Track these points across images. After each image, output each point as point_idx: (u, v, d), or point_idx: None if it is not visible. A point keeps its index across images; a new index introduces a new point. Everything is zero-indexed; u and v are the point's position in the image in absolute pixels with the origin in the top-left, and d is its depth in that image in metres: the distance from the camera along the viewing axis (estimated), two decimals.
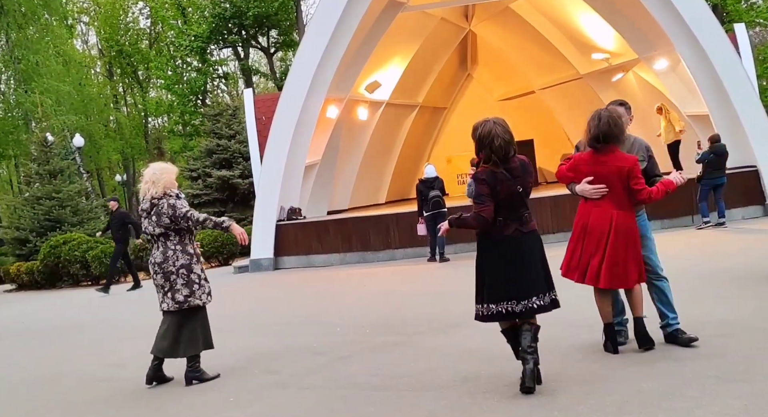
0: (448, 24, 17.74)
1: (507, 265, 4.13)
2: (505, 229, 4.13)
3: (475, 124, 4.18)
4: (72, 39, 40.16)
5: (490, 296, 4.17)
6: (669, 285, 4.88)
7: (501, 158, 4.07)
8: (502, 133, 4.06)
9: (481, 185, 4.08)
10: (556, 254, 10.97)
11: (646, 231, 4.86)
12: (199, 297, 5.15)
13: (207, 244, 17.91)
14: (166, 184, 5.19)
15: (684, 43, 13.15)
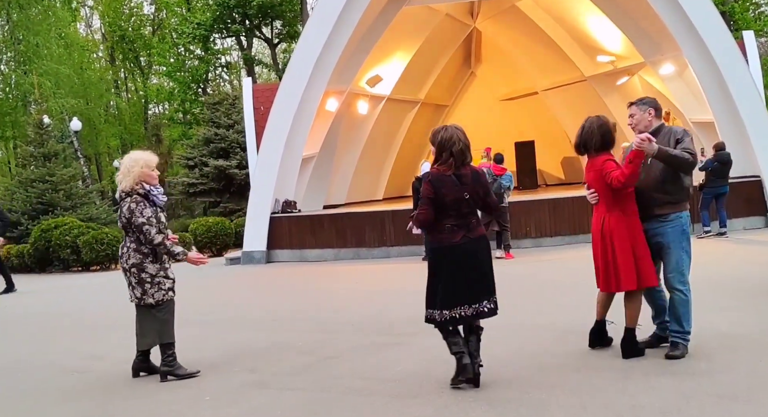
0: (452, 20, 17.49)
1: (459, 271, 4.20)
2: (455, 237, 4.21)
3: (435, 129, 4.33)
4: (75, 22, 39.83)
5: (444, 302, 4.22)
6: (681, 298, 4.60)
7: (458, 163, 4.19)
8: (463, 139, 4.22)
9: (427, 188, 4.19)
10: (555, 257, 10.95)
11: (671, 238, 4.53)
12: (152, 295, 4.92)
13: (200, 234, 17.73)
14: (137, 178, 4.90)
15: (692, 48, 12.95)
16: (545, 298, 7.44)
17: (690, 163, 4.45)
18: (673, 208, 4.54)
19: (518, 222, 12.63)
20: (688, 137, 4.57)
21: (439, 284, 4.24)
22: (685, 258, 4.55)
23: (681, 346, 4.58)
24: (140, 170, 4.91)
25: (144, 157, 5.01)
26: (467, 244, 4.22)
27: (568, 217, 12.69)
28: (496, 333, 5.80)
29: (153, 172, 5.01)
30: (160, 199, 5.03)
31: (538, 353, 5.05)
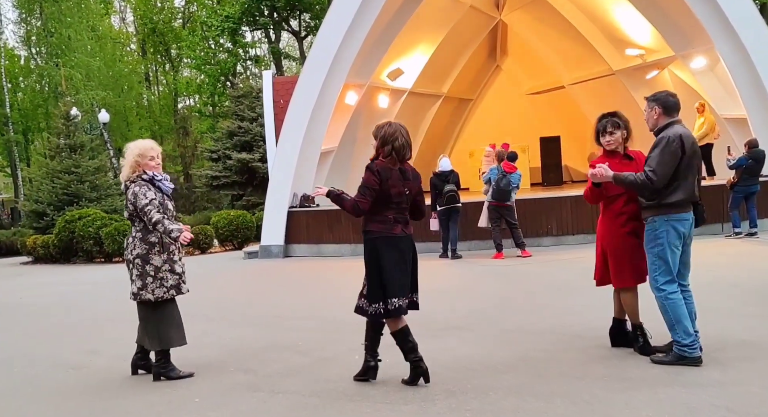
0: (477, 12, 17.14)
1: (400, 262, 4.31)
2: (395, 228, 4.32)
3: (379, 124, 4.41)
4: (108, 15, 40.38)
5: (392, 292, 4.29)
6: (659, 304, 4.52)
7: (400, 157, 4.30)
8: (405, 135, 4.35)
9: (372, 177, 4.22)
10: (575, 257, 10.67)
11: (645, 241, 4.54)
12: (152, 291, 4.70)
13: (222, 227, 17.77)
14: (134, 166, 4.80)
15: (724, 41, 12.45)
16: (556, 300, 7.19)
17: (641, 186, 4.33)
18: (647, 212, 4.47)
19: (539, 219, 12.33)
20: (658, 148, 4.35)
21: (383, 274, 4.27)
22: (658, 263, 4.43)
23: (672, 353, 4.45)
24: (133, 159, 4.82)
25: (139, 145, 4.89)
26: (405, 238, 4.36)
27: (592, 215, 12.29)
28: (501, 337, 5.62)
29: (150, 161, 4.83)
30: (166, 185, 4.89)
31: (543, 359, 4.84)
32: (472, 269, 10.22)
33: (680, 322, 4.37)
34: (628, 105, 16.43)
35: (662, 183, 4.32)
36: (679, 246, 4.44)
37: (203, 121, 38.83)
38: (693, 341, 4.37)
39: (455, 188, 11.32)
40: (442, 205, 11.28)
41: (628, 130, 4.77)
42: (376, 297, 4.31)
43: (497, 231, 10.95)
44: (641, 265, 4.62)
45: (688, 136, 4.43)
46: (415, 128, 18.41)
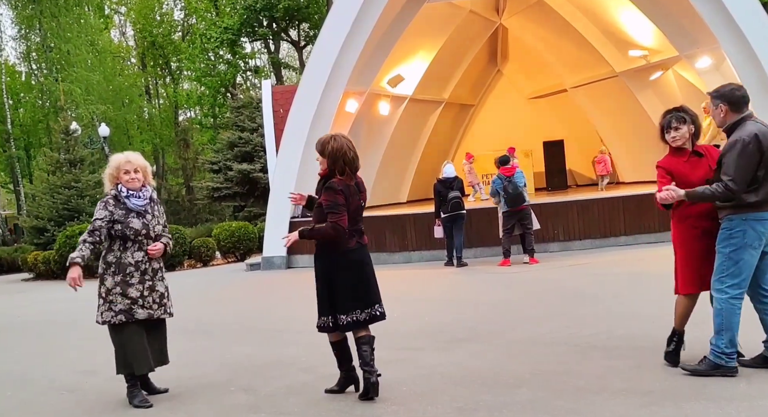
0: (477, 17, 17.00)
1: (354, 276, 4.29)
2: (350, 242, 4.29)
3: (324, 139, 4.33)
4: (107, 29, 40.45)
5: (344, 306, 4.27)
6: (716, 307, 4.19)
7: (353, 170, 4.32)
8: (352, 147, 4.33)
9: (339, 195, 4.20)
10: (583, 262, 10.44)
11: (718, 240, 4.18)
12: (101, 314, 4.46)
13: (224, 239, 17.60)
14: (109, 179, 4.62)
15: (729, 40, 12.27)
16: (568, 309, 6.96)
17: (721, 198, 4.03)
18: (723, 210, 4.13)
19: (545, 225, 12.12)
20: (734, 152, 3.99)
21: (337, 289, 4.28)
22: (727, 263, 4.09)
23: (706, 361, 4.17)
24: (108, 173, 4.64)
25: (115, 158, 4.66)
26: (360, 250, 4.36)
27: (598, 220, 12.13)
28: (511, 349, 5.40)
29: (125, 174, 4.54)
30: (132, 202, 4.54)
31: (556, 373, 4.61)
32: (478, 277, 10.02)
33: (730, 329, 4.11)
34: (632, 107, 16.28)
35: (744, 189, 4.00)
36: (758, 247, 4.08)
37: (204, 132, 38.77)
38: (734, 352, 4.13)
39: (460, 195, 11.14)
40: (446, 212, 11.08)
41: (696, 124, 4.37)
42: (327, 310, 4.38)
43: (507, 237, 10.74)
44: (709, 272, 4.25)
45: (765, 132, 4.03)
46: (417, 135, 18.25)
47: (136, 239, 4.52)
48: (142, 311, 4.49)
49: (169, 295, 4.72)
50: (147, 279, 4.54)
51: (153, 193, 4.74)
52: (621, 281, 8.46)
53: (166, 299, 4.66)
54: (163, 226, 4.76)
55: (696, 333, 4.67)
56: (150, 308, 4.53)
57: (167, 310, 4.67)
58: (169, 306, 4.70)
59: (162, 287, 4.65)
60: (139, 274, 4.50)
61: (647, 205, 12.13)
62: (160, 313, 4.60)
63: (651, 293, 7.35)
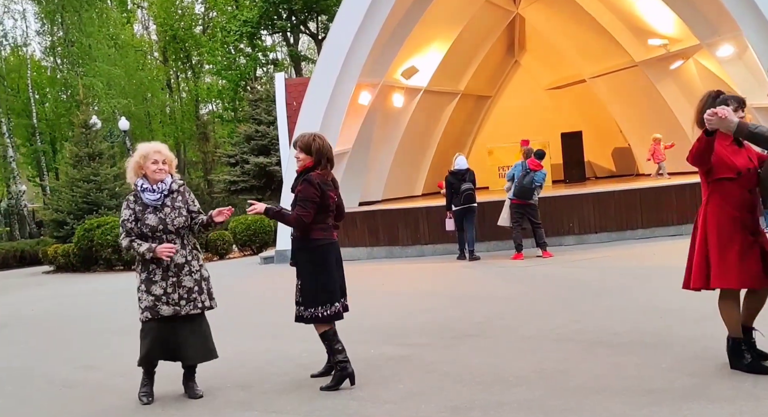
0: (493, 6, 16.74)
1: (333, 267, 4.49)
2: (333, 234, 4.59)
3: (305, 138, 4.51)
4: (130, 24, 40.80)
5: (330, 297, 4.46)
6: None
7: (331, 168, 4.56)
8: (329, 146, 4.60)
9: (313, 190, 4.37)
10: (598, 256, 10.28)
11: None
12: (140, 311, 4.51)
13: (240, 232, 17.68)
14: (133, 170, 4.50)
15: (752, 28, 11.91)
16: (577, 304, 6.83)
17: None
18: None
19: (560, 218, 11.94)
20: None
21: (320, 280, 4.44)
22: None
23: None
24: (134, 162, 4.49)
25: (143, 147, 4.54)
26: (335, 243, 4.61)
27: (615, 213, 11.90)
28: (517, 345, 5.30)
29: (153, 164, 4.42)
30: (146, 197, 4.42)
31: (559, 370, 4.51)
32: (490, 271, 9.89)
33: None
34: (652, 97, 15.93)
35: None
36: None
37: (225, 126, 38.97)
38: None
39: (472, 187, 11.00)
40: (458, 205, 10.95)
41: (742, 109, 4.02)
42: (314, 301, 4.45)
43: (518, 231, 10.58)
44: (752, 267, 3.90)
45: None
46: (432, 127, 18.09)
47: (154, 235, 4.42)
48: (167, 308, 4.41)
49: (204, 289, 4.55)
50: (171, 275, 4.43)
51: (174, 184, 4.54)
52: (635, 275, 8.28)
53: (196, 294, 4.49)
54: (197, 212, 4.61)
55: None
56: (177, 304, 4.42)
57: (198, 304, 4.50)
58: (202, 300, 4.53)
59: (190, 282, 4.48)
60: (161, 271, 4.42)
61: (665, 198, 11.88)
62: (189, 309, 4.46)
63: (663, 288, 7.18)
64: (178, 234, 4.49)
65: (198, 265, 4.57)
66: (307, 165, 4.46)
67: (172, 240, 4.46)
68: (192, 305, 4.48)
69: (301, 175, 4.49)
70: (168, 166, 4.54)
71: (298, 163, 4.54)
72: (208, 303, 4.59)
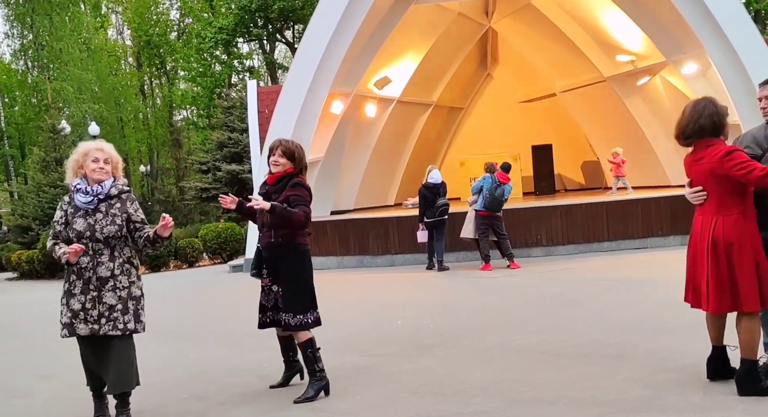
0: (466, 19, 16.91)
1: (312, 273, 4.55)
2: (308, 241, 4.56)
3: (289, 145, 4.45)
4: (103, 28, 40.34)
5: (315, 302, 4.51)
6: None
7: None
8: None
9: (309, 193, 4.43)
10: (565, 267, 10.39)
11: None
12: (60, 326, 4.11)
13: (210, 240, 17.49)
14: (73, 168, 4.06)
15: (715, 46, 12.22)
16: (543, 315, 6.89)
17: None
18: None
19: (529, 229, 12.05)
20: None
21: (312, 284, 4.48)
22: None
23: None
24: (74, 159, 4.06)
25: (86, 144, 4.14)
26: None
27: (582, 224, 12.06)
28: (479, 356, 5.32)
29: (92, 162, 3.97)
30: (78, 198, 3.96)
31: (517, 381, 4.53)
32: (458, 282, 9.94)
33: None
34: (620, 112, 16.22)
35: None
36: None
37: (199, 133, 38.67)
38: None
39: (448, 203, 11.14)
40: (432, 217, 11.04)
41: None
42: (309, 306, 4.43)
43: (485, 242, 10.68)
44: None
45: None
46: (405, 137, 18.16)
47: (80, 242, 3.91)
48: (84, 326, 3.91)
49: (129, 309, 3.98)
50: (92, 289, 3.91)
51: (114, 189, 4.05)
52: (600, 287, 8.39)
53: (118, 313, 3.93)
54: (141, 223, 4.10)
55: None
56: (96, 323, 3.89)
57: (119, 325, 3.92)
58: (125, 321, 3.94)
59: (113, 299, 3.93)
60: (81, 284, 3.91)
61: (631, 211, 12.09)
62: (108, 329, 3.90)
63: (626, 300, 7.30)
64: (107, 244, 3.96)
65: (128, 282, 4.01)
66: (288, 171, 4.41)
67: (99, 250, 3.95)
68: (111, 325, 3.90)
69: (282, 180, 4.40)
70: (111, 167, 4.08)
71: (276, 168, 4.42)
72: (132, 325, 3.97)
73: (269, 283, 4.50)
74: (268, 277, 4.49)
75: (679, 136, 3.93)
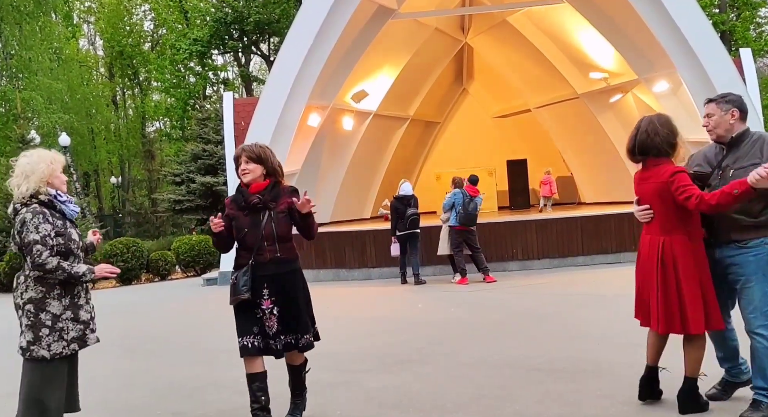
0: (442, 35, 17.08)
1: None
2: None
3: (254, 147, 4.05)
4: (75, 38, 39.81)
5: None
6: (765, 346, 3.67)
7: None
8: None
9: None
10: (540, 282, 10.43)
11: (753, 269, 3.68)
12: (47, 346, 3.65)
13: (183, 253, 17.22)
14: (43, 177, 3.72)
15: (686, 66, 12.51)
16: (519, 330, 6.90)
17: None
18: (756, 233, 3.67)
19: (504, 243, 12.12)
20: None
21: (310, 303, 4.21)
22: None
23: (764, 405, 3.67)
24: (47, 167, 3.76)
25: (47, 153, 3.87)
26: None
27: (557, 239, 12.17)
28: (457, 371, 5.29)
29: (61, 173, 3.87)
30: (72, 208, 3.86)
31: (496, 397, 4.52)
32: (435, 296, 9.92)
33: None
34: (593, 128, 16.48)
35: None
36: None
37: (173, 144, 38.27)
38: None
39: (417, 212, 11.14)
40: (403, 230, 11.03)
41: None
42: (313, 322, 4.22)
43: (460, 256, 10.73)
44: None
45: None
46: (382, 151, 18.20)
47: (77, 253, 3.84)
48: (93, 336, 3.86)
49: None
50: (89, 298, 3.89)
51: None
52: (574, 302, 8.44)
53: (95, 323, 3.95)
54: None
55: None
56: (95, 332, 3.89)
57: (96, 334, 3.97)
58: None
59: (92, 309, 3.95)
60: (84, 293, 3.86)
61: (605, 225, 12.24)
62: (96, 338, 3.94)
63: (601, 315, 7.35)
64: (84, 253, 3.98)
65: None
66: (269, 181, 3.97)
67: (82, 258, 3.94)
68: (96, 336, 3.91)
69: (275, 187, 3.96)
70: None
71: (247, 176, 3.94)
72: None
73: (270, 305, 3.93)
74: (269, 298, 3.92)
75: (630, 151, 3.96)
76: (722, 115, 3.81)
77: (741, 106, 3.84)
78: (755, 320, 3.66)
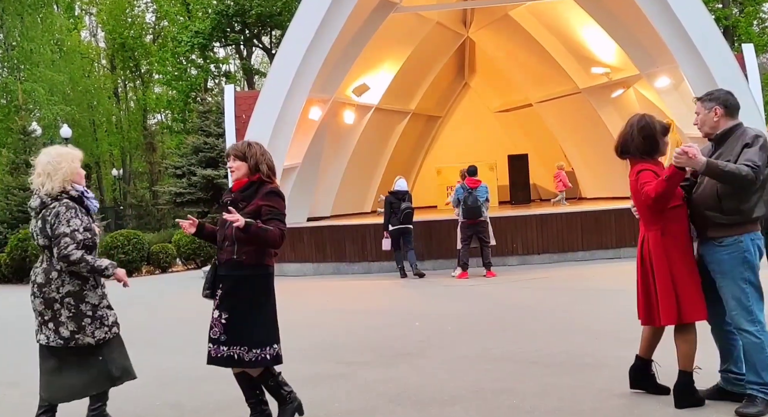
0: (444, 29, 17.03)
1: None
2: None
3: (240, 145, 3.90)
4: (77, 30, 39.74)
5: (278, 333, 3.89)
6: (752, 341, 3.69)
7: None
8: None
9: (284, 203, 3.79)
10: (540, 277, 10.44)
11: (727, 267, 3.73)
12: (91, 333, 3.88)
13: (183, 245, 17.24)
14: (66, 176, 3.86)
15: (688, 61, 12.45)
16: (518, 324, 6.92)
17: (746, 178, 3.54)
18: (728, 230, 3.70)
19: (504, 238, 12.11)
20: (755, 147, 3.64)
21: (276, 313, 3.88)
22: (750, 291, 3.69)
23: (759, 400, 3.64)
24: (70, 166, 3.89)
25: (71, 153, 3.99)
26: None
27: (557, 234, 12.17)
28: (456, 364, 5.31)
29: (81, 169, 4.02)
30: (95, 204, 4.08)
31: (495, 390, 4.54)
32: (434, 290, 9.94)
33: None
34: (595, 123, 16.45)
35: (758, 183, 3.64)
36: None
37: (173, 137, 38.24)
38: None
39: (411, 206, 11.22)
40: (396, 224, 11.11)
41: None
42: (269, 339, 3.79)
43: (466, 250, 10.74)
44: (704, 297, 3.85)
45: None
46: (383, 145, 18.18)
47: (91, 245, 3.98)
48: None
49: None
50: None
51: None
52: (573, 297, 8.46)
53: None
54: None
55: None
56: None
57: None
58: None
59: None
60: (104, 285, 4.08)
61: (605, 221, 12.23)
62: None
63: (600, 310, 7.37)
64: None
65: None
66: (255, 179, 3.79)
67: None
68: None
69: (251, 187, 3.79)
70: None
71: (233, 174, 3.89)
72: None
73: (217, 310, 3.84)
74: (219, 301, 3.82)
75: (615, 149, 4.08)
76: (706, 113, 3.85)
77: (726, 102, 3.83)
78: (739, 317, 3.70)
